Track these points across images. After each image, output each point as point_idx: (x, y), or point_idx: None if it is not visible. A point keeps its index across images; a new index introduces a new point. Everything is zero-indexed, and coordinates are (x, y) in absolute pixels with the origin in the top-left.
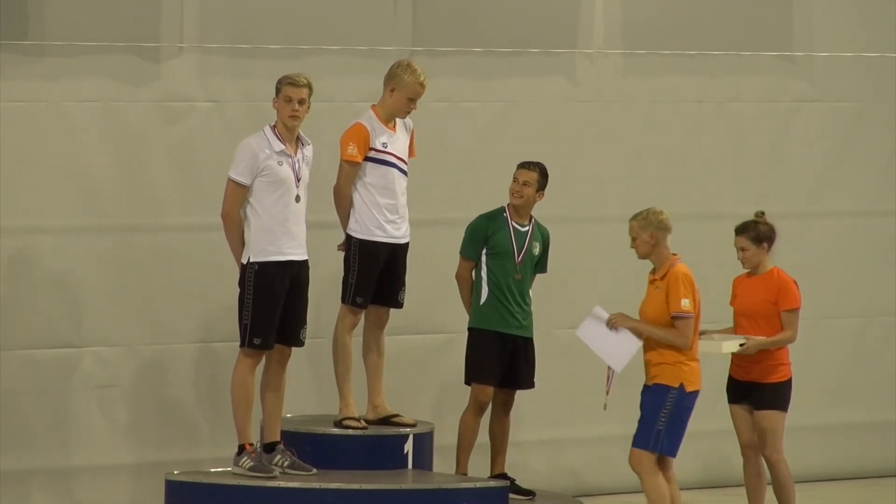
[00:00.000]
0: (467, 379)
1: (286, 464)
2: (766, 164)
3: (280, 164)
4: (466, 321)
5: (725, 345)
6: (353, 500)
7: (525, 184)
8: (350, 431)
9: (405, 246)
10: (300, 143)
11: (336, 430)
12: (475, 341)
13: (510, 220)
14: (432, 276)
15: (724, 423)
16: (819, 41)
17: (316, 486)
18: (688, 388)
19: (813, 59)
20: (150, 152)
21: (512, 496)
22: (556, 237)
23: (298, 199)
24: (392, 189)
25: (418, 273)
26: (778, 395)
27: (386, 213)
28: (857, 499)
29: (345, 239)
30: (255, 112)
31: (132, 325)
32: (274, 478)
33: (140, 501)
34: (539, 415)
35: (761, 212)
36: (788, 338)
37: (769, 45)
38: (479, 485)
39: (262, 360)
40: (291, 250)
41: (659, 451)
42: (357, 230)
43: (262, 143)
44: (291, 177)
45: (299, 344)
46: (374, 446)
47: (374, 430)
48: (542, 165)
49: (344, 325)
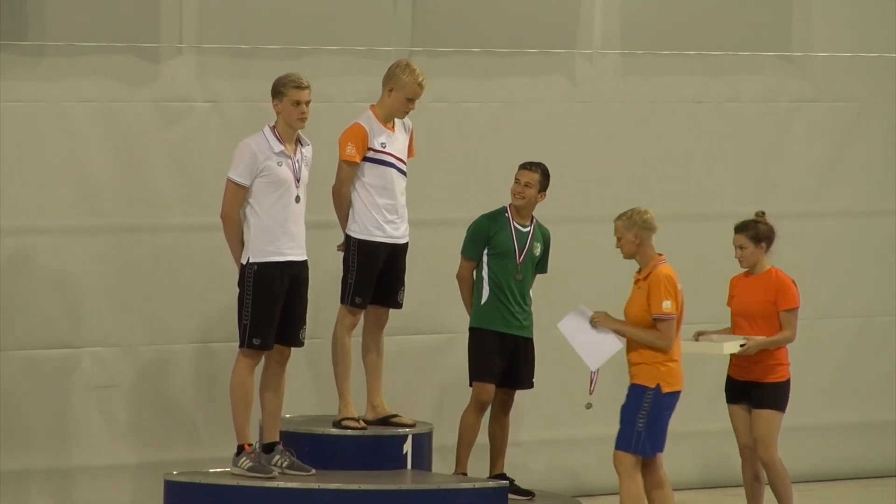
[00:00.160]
0: (470, 379)
1: (285, 464)
2: (765, 165)
3: (280, 164)
4: (466, 321)
5: (726, 346)
6: (352, 501)
7: (527, 185)
8: (349, 432)
9: (404, 246)
10: (299, 143)
11: (335, 431)
12: (476, 341)
13: (512, 221)
14: (432, 277)
15: (723, 424)
16: (818, 41)
17: (315, 486)
18: (665, 389)
19: (812, 60)
20: (149, 152)
21: (511, 496)
22: (556, 237)
23: (298, 200)
24: (391, 189)
25: (418, 273)
26: (776, 395)
27: (385, 214)
28: (856, 499)
29: (344, 239)
30: (254, 112)
31: (131, 325)
32: (273, 478)
33: (139, 502)
34: (538, 415)
35: (761, 212)
36: (788, 337)
37: (768, 46)
38: (478, 485)
39: (262, 360)
40: (291, 251)
41: (640, 452)
42: (356, 230)
43: (261, 144)
44: (291, 177)
45: (299, 344)
46: (374, 447)
47: (373, 431)
48: (544, 166)
49: (343, 326)
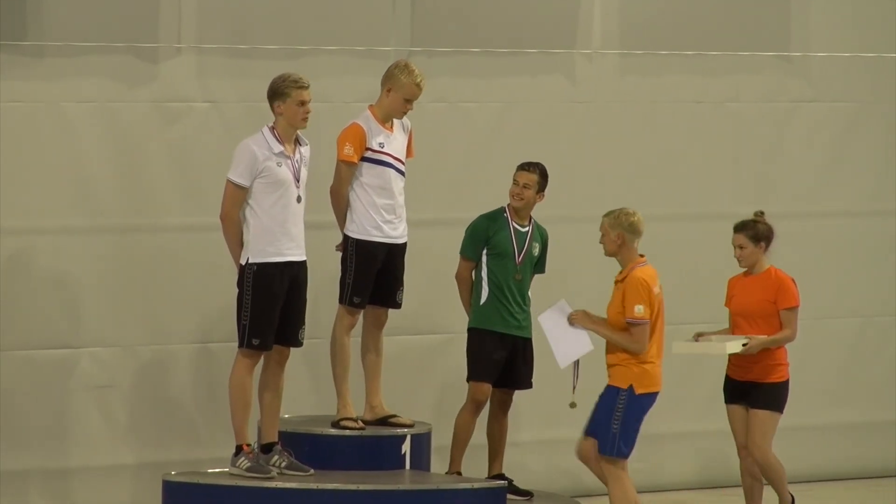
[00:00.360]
0: (468, 377)
1: (284, 464)
2: (765, 165)
3: (279, 165)
4: (465, 321)
5: (729, 345)
6: (351, 501)
7: (525, 186)
8: (348, 432)
9: (403, 246)
10: (298, 143)
11: (334, 431)
12: (475, 341)
13: (510, 221)
14: (431, 277)
15: (722, 424)
16: (816, 41)
17: (313, 486)
18: (638, 390)
19: (811, 60)
20: (149, 153)
21: (510, 497)
22: (555, 237)
23: (300, 200)
24: (389, 189)
25: (417, 273)
26: (775, 395)
27: (383, 213)
28: (856, 499)
29: (342, 239)
30: (253, 112)
31: (131, 325)
32: (271, 478)
33: (138, 502)
34: (537, 415)
35: (760, 211)
36: (788, 336)
37: (767, 46)
38: (476, 485)
39: (261, 360)
40: (290, 251)
41: (616, 454)
42: (354, 230)
43: (261, 145)
44: (291, 178)
45: (298, 344)
46: (372, 447)
47: (371, 431)
48: (542, 166)
49: (342, 326)
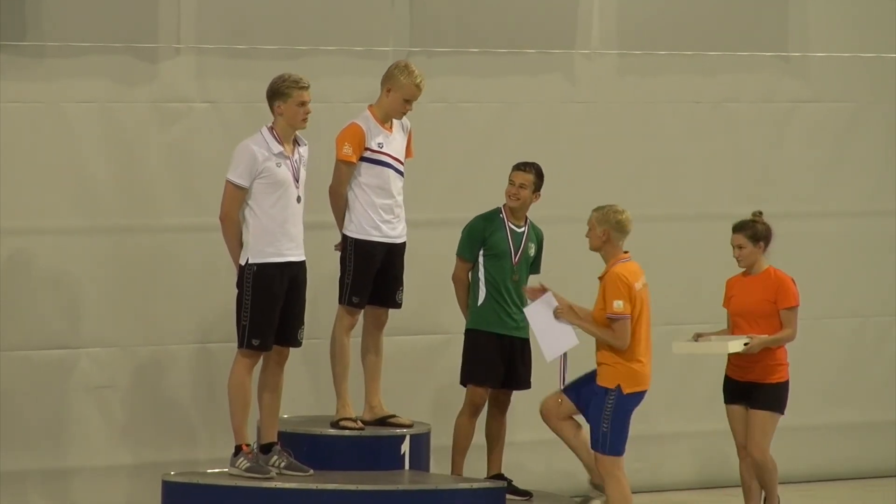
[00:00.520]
0: (462, 380)
1: (283, 464)
2: (763, 165)
3: (279, 165)
4: (464, 322)
5: (731, 345)
6: (350, 501)
7: (521, 186)
8: (347, 432)
9: (402, 246)
10: (296, 143)
11: (333, 431)
12: (473, 343)
13: (507, 222)
14: (430, 277)
15: (722, 424)
16: (815, 41)
17: (312, 486)
18: (625, 390)
19: (809, 60)
20: (148, 153)
21: (509, 497)
22: (554, 237)
23: (299, 200)
24: (388, 189)
25: (416, 274)
26: (776, 396)
27: (382, 213)
28: (855, 499)
29: (341, 239)
30: (252, 113)
31: (129, 325)
32: (270, 478)
33: (137, 502)
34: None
35: (759, 211)
36: (789, 335)
37: (765, 46)
38: (475, 485)
39: (260, 360)
40: (290, 251)
41: (610, 452)
42: (353, 230)
43: (260, 145)
44: (290, 178)
45: (297, 344)
46: (371, 447)
47: (370, 431)
48: (538, 166)
49: (342, 326)
